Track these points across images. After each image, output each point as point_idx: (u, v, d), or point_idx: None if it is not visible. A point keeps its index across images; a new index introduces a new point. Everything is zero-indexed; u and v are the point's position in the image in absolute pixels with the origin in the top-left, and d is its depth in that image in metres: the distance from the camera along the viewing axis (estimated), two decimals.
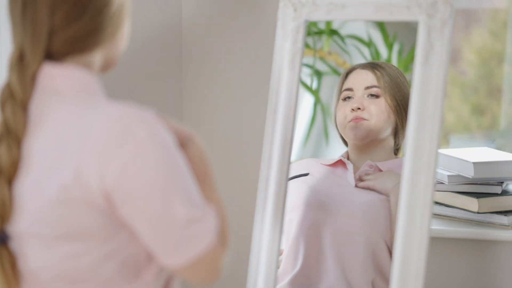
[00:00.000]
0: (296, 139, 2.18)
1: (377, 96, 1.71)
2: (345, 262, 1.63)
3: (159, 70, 2.02)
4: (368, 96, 1.71)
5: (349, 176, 1.71)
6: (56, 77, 1.09)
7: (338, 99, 1.76)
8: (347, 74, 1.77)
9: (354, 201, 1.65)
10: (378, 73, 1.72)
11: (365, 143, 1.72)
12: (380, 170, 1.70)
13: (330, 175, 1.74)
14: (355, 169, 1.73)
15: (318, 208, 1.66)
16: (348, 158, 1.76)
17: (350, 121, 1.71)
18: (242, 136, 2.05)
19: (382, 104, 1.70)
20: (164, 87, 2.04)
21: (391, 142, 1.74)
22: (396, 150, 1.76)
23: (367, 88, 1.71)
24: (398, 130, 1.72)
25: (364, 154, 1.73)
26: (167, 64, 2.04)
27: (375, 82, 1.71)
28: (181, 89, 2.08)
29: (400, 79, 1.73)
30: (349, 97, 1.73)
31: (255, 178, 1.66)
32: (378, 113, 1.70)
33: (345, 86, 1.75)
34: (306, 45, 2.12)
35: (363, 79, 1.72)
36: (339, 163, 1.76)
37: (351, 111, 1.70)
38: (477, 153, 1.99)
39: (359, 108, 1.70)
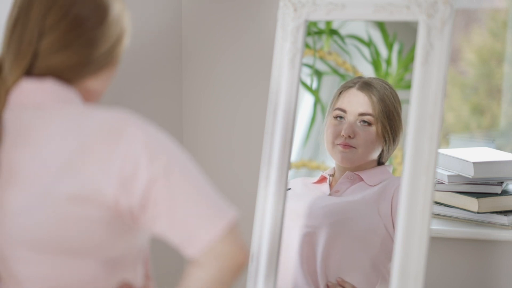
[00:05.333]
0: (296, 139, 2.18)
1: (369, 124, 1.70)
2: (309, 265, 1.66)
3: (159, 71, 2.02)
4: (360, 122, 1.70)
5: (325, 187, 1.74)
6: (35, 92, 1.08)
7: (329, 115, 1.76)
8: (342, 91, 1.75)
9: (318, 206, 1.68)
10: (374, 98, 1.70)
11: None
12: (361, 178, 1.72)
13: (312, 190, 1.76)
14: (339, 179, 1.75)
15: (290, 217, 1.68)
16: (334, 171, 1.78)
17: (338, 145, 1.71)
18: (242, 136, 2.05)
19: (373, 133, 1.70)
20: (164, 87, 2.04)
21: (375, 161, 1.74)
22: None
23: (361, 114, 1.70)
24: (384, 154, 1.73)
25: (349, 169, 1.75)
26: (167, 64, 2.04)
27: (369, 110, 1.70)
28: (181, 89, 2.08)
29: (394, 106, 1.72)
30: (340, 117, 1.72)
31: (255, 178, 1.66)
32: (367, 143, 1.70)
33: (339, 105, 1.73)
34: (306, 45, 2.12)
35: (358, 104, 1.71)
36: (323, 178, 1.78)
37: (341, 136, 1.70)
38: (477, 153, 1.99)
39: (349, 136, 1.70)
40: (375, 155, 1.72)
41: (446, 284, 1.91)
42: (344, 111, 1.72)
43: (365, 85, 1.73)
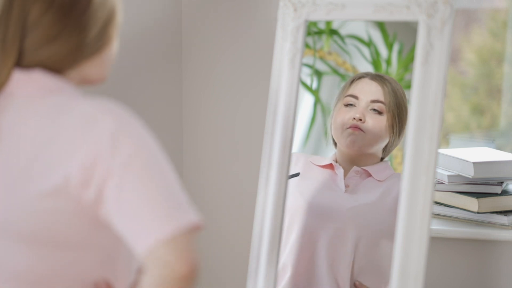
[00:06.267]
0: (296, 139, 2.18)
1: (380, 112, 1.71)
2: (336, 268, 1.64)
3: (159, 70, 2.02)
4: (371, 109, 1.71)
5: (339, 181, 1.72)
6: (22, 83, 1.07)
7: (339, 102, 1.76)
8: (354, 80, 1.76)
9: (343, 206, 1.66)
10: (386, 88, 1.71)
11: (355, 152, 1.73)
12: (369, 174, 1.71)
13: (321, 178, 1.75)
14: (343, 173, 1.74)
15: (309, 214, 1.67)
16: (336, 161, 1.76)
17: (348, 128, 1.71)
18: (242, 136, 2.05)
19: (383, 122, 1.70)
20: (164, 86, 2.04)
21: (379, 153, 1.74)
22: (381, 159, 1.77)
23: (373, 101, 1.71)
24: (388, 147, 1.73)
25: (351, 160, 1.74)
26: (167, 64, 2.04)
27: (381, 98, 1.71)
28: (181, 89, 2.08)
29: (403, 100, 1.73)
30: (351, 104, 1.72)
31: (255, 178, 1.66)
32: (376, 130, 1.70)
33: (350, 91, 1.74)
34: (306, 45, 2.12)
35: (370, 91, 1.72)
36: (329, 165, 1.76)
37: (352, 119, 1.70)
38: (477, 153, 1.99)
39: (360, 119, 1.70)
40: (381, 146, 1.72)
41: (446, 284, 1.91)
42: (356, 97, 1.72)
43: (378, 76, 1.75)
